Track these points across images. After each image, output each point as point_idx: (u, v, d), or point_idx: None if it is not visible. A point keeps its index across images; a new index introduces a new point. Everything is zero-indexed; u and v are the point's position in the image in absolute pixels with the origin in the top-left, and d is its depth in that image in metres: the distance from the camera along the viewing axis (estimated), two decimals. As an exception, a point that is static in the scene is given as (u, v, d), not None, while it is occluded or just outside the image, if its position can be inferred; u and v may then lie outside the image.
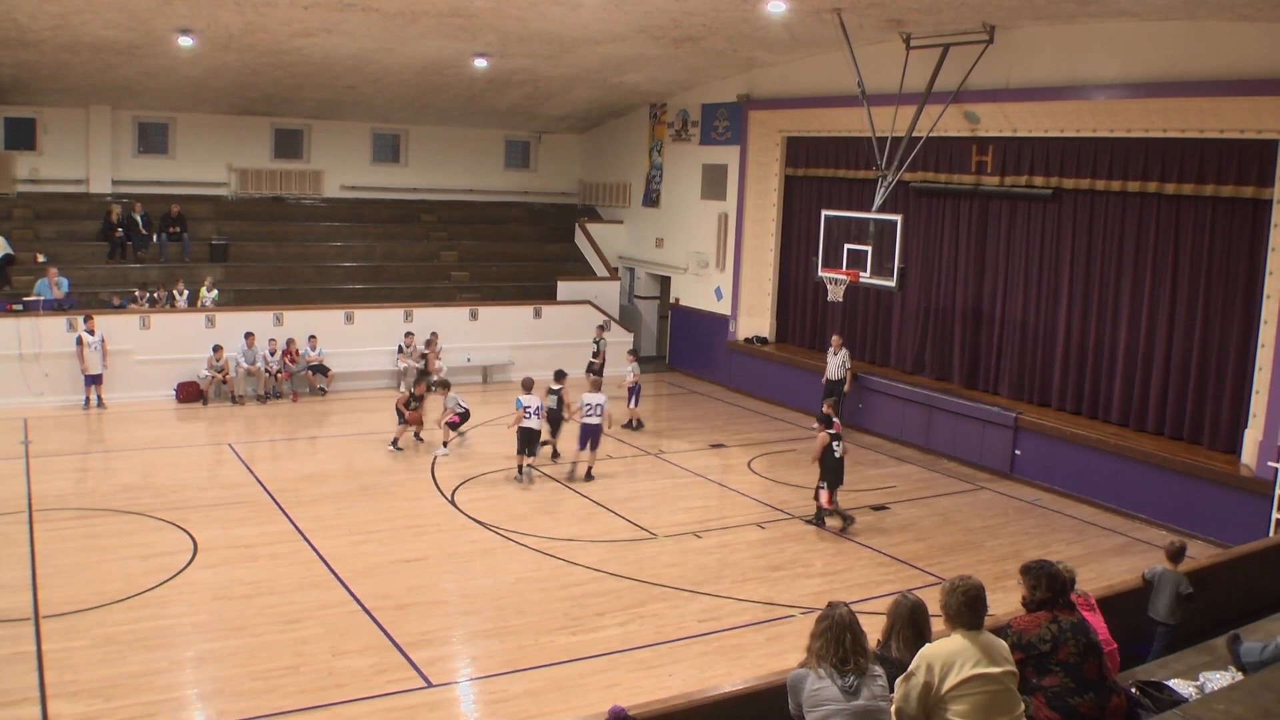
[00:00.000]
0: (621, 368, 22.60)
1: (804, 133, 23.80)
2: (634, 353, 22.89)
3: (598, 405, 17.57)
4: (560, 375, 18.77)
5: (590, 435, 17.63)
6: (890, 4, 17.10)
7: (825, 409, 16.22)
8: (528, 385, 17.92)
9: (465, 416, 19.11)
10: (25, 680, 10.03)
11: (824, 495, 15.56)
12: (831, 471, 15.50)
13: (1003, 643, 6.18)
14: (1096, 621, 7.47)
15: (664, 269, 28.32)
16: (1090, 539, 15.81)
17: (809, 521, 15.78)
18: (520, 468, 17.48)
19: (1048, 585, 6.75)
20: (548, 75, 24.15)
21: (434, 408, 19.58)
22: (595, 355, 23.86)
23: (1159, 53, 16.20)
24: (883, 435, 21.22)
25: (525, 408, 17.35)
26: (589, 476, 17.72)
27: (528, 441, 17.45)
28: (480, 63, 22.23)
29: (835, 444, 15.41)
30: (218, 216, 26.60)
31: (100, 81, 22.93)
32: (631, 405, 21.23)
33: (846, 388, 21.29)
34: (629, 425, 21.02)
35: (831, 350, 21.45)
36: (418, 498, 16.47)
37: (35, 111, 24.75)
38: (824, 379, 21.54)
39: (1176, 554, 9.59)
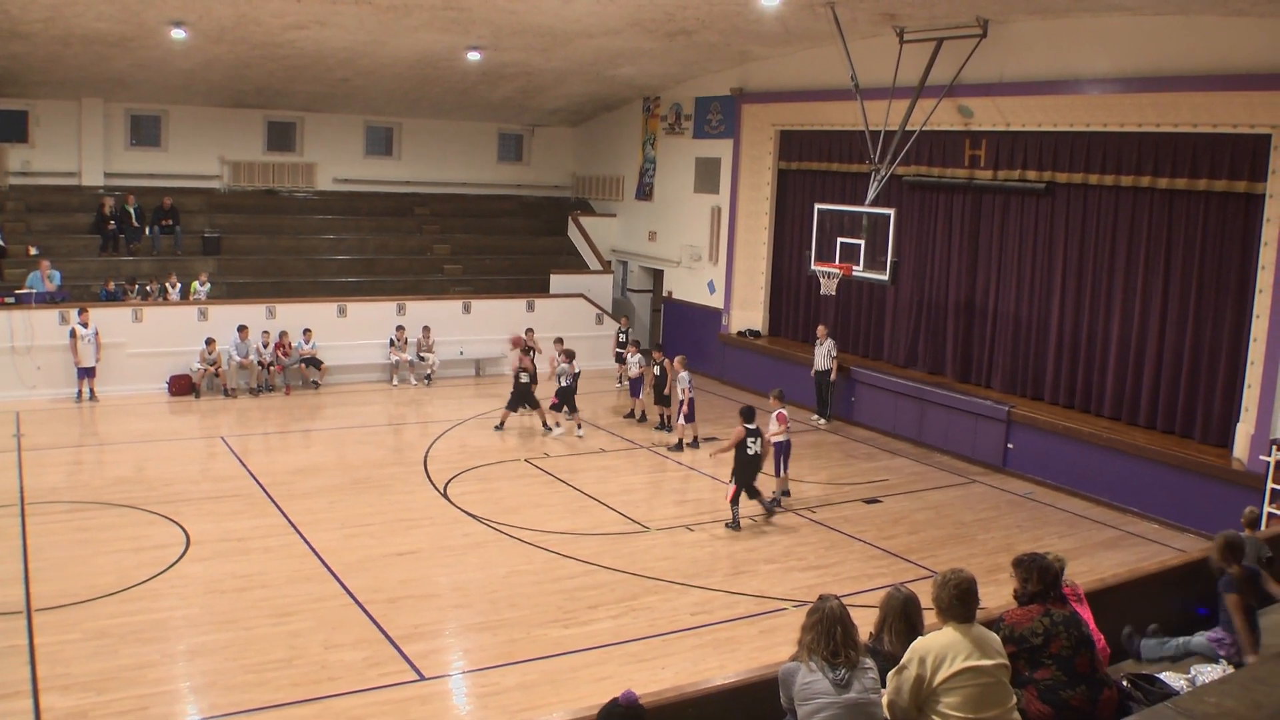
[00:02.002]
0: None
1: (797, 126, 23.80)
2: (637, 343, 22.93)
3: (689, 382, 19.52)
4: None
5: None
6: (884, -3, 17.13)
7: (772, 399, 16.61)
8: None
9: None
10: (17, 674, 10.02)
11: (731, 490, 15.38)
12: (744, 468, 15.31)
13: (994, 635, 6.19)
14: (1084, 613, 7.49)
15: (657, 262, 28.31)
16: (1082, 532, 15.84)
17: (770, 511, 15.63)
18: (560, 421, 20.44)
19: (1039, 578, 6.77)
20: (541, 68, 24.12)
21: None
22: (622, 346, 23.84)
23: (1152, 47, 16.20)
24: (875, 429, 21.24)
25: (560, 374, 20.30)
26: (695, 444, 19.58)
27: (566, 399, 20.19)
28: (473, 56, 22.19)
29: (751, 440, 15.23)
30: (210, 209, 26.55)
31: (92, 74, 22.86)
32: (638, 397, 21.37)
33: (833, 376, 21.40)
34: (630, 415, 21.17)
35: (818, 341, 21.56)
36: (410, 491, 16.46)
37: (27, 104, 24.67)
38: (812, 371, 21.66)
39: (1254, 522, 10.12)
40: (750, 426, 15.30)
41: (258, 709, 9.64)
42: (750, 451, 15.23)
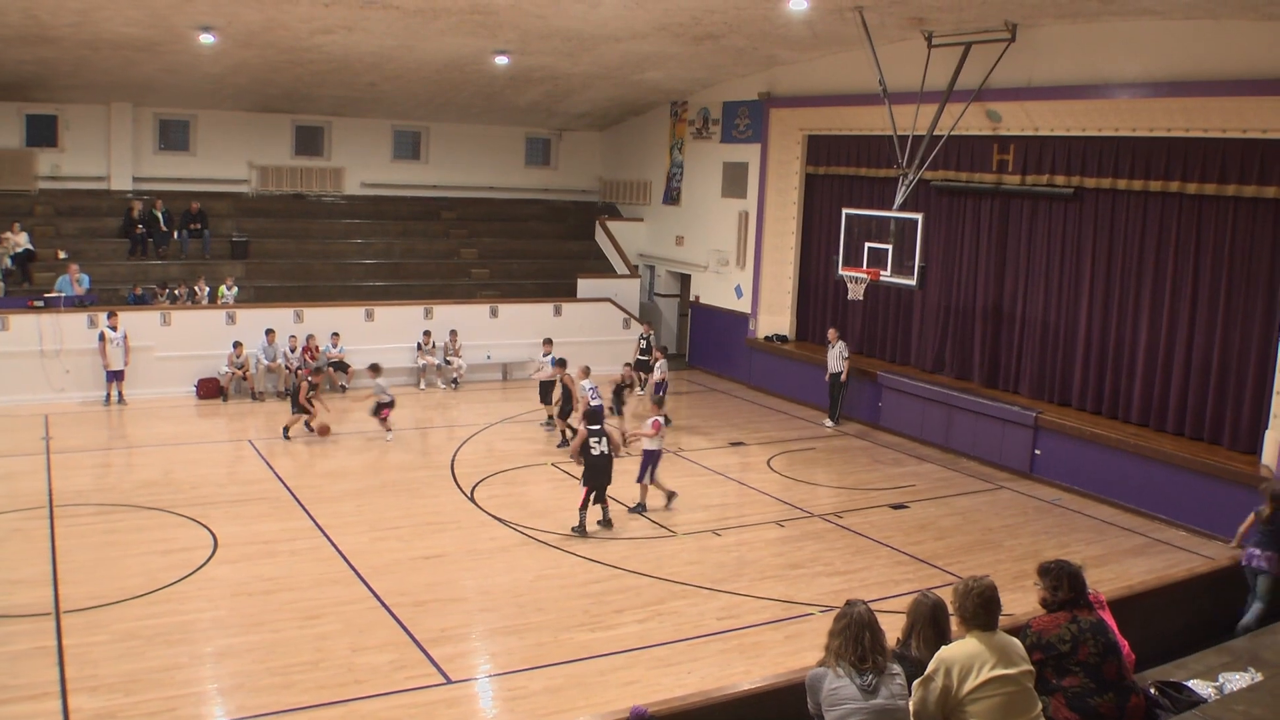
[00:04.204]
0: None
1: (825, 131, 23.74)
2: (664, 349, 22.87)
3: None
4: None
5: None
6: (912, 2, 17.06)
7: (651, 404, 16.49)
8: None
9: (388, 406, 19.96)
10: (46, 675, 10.09)
11: (583, 493, 14.98)
12: (592, 470, 14.95)
13: (1017, 641, 6.16)
14: (1107, 620, 7.46)
15: (684, 267, 28.30)
16: (1110, 539, 15.73)
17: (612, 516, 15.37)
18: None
19: (1070, 585, 6.72)
20: (568, 73, 24.16)
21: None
22: (644, 352, 23.82)
23: (1181, 52, 16.11)
24: (903, 434, 21.16)
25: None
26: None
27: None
28: (500, 60, 22.25)
29: (595, 440, 14.91)
30: (238, 213, 26.70)
31: (121, 78, 23.04)
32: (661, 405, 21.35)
33: (844, 378, 21.47)
34: (667, 422, 21.17)
35: (829, 344, 21.67)
36: (437, 494, 16.51)
37: (57, 108, 24.87)
38: (827, 374, 21.69)
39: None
40: (594, 428, 15.03)
41: (284, 711, 9.68)
42: (595, 452, 14.92)
